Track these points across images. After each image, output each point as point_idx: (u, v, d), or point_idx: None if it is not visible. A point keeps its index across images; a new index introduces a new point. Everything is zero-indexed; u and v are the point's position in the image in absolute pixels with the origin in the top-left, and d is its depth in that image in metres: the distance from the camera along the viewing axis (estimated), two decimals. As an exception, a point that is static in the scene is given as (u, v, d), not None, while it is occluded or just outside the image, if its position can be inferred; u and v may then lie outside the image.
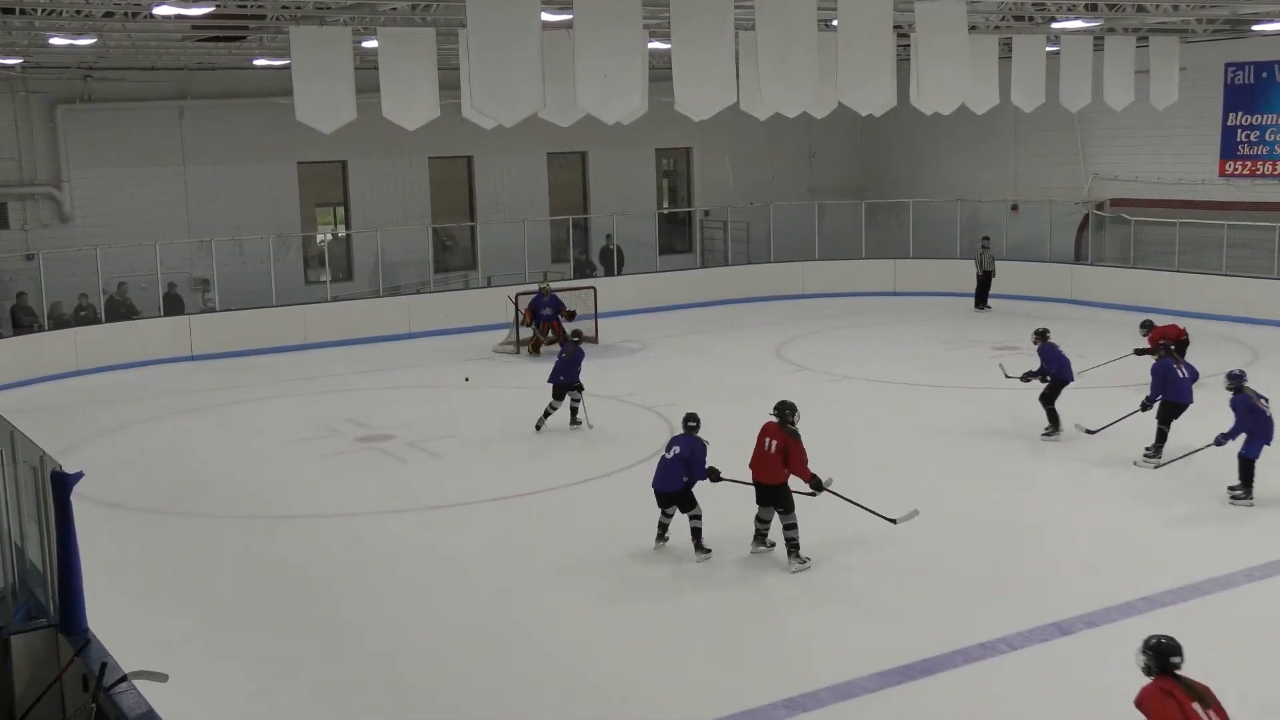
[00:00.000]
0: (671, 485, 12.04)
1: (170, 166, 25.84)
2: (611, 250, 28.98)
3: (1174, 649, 6.77)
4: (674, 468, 12.03)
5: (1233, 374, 13.66)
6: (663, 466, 12.12)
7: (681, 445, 12.10)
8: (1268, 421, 13.19)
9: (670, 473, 12.04)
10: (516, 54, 12.04)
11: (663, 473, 12.10)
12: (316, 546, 12.99)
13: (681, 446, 12.09)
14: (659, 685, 9.55)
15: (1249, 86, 25.60)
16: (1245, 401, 13.30)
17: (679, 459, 12.02)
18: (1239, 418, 13.28)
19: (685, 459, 12.00)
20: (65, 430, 17.87)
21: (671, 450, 12.09)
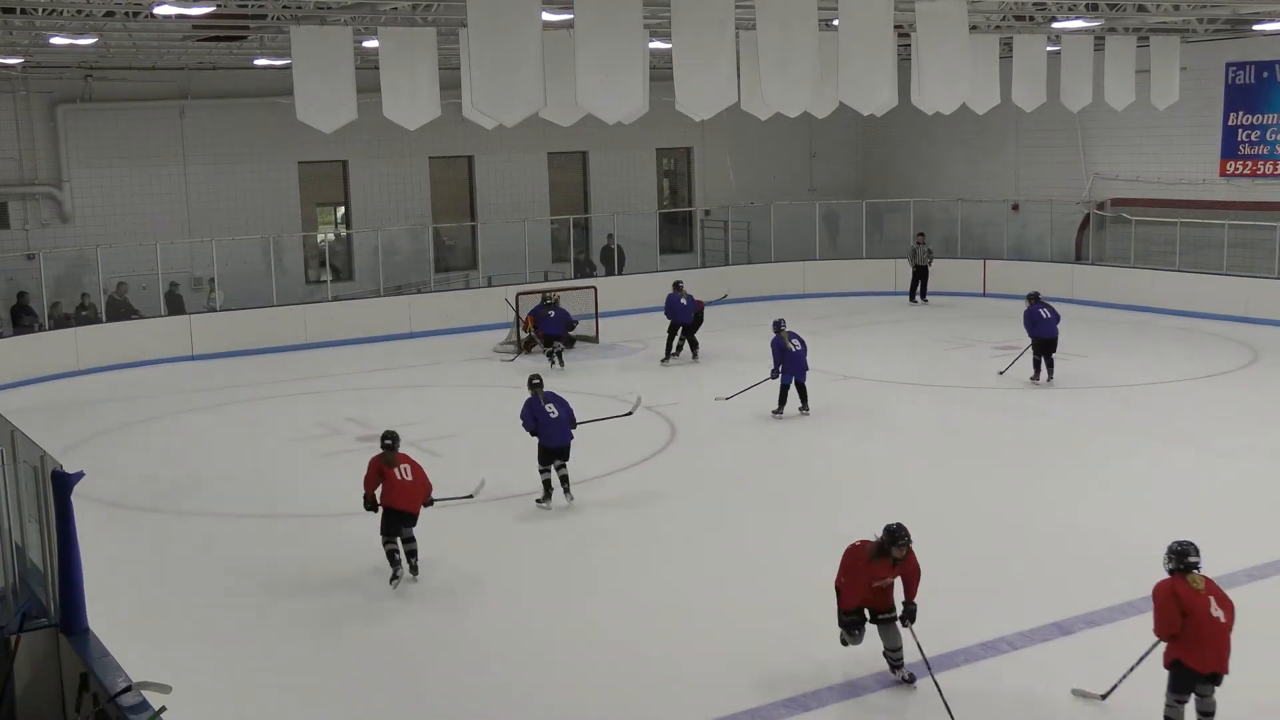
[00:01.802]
0: (566, 439, 13.49)
1: (171, 166, 25.84)
2: (612, 250, 28.98)
3: (1192, 549, 7.95)
4: (563, 424, 13.47)
5: (775, 322, 17.82)
6: (555, 425, 13.40)
7: (556, 403, 13.55)
8: (795, 357, 17.23)
9: (562, 429, 13.46)
10: (517, 54, 12.05)
11: (558, 431, 13.43)
12: (317, 546, 12.99)
13: (556, 405, 13.53)
14: (659, 685, 9.55)
15: (1250, 86, 25.58)
16: (779, 343, 17.30)
17: (563, 415, 13.49)
18: (774, 354, 17.37)
19: (567, 414, 13.53)
20: (66, 430, 17.87)
21: (552, 410, 13.44)
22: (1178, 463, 15.10)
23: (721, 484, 14.69)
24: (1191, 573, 7.91)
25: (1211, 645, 7.82)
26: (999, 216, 29.43)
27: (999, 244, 29.10)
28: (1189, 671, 7.89)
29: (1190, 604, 7.82)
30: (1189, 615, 7.83)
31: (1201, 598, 7.83)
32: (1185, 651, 7.87)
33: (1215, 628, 7.83)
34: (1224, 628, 7.86)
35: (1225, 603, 7.94)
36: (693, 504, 13.99)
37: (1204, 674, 7.87)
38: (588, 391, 19.79)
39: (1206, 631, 7.81)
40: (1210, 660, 7.83)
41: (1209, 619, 7.81)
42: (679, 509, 13.85)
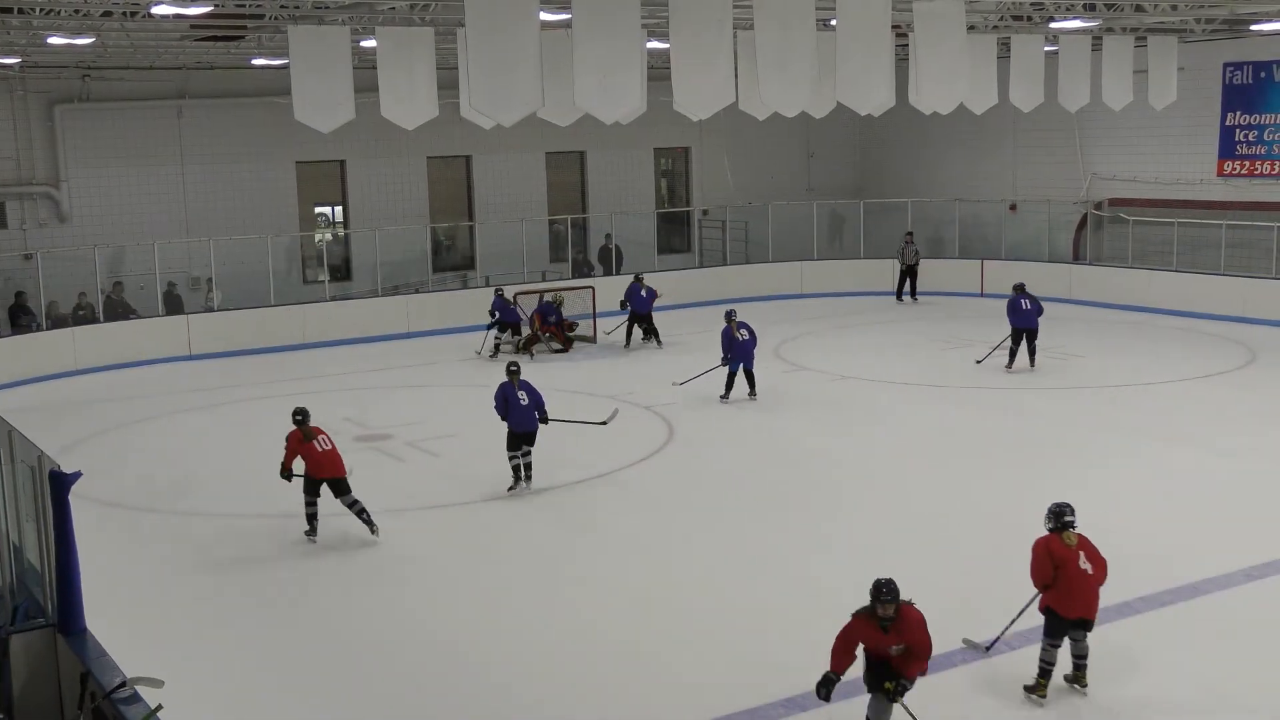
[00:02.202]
0: (532, 426, 14.10)
1: (168, 166, 25.82)
2: (610, 250, 28.98)
3: (1068, 510, 8.91)
4: (530, 411, 14.07)
5: (726, 313, 18.80)
6: (523, 412, 14.03)
7: (527, 391, 14.12)
8: (742, 346, 18.18)
9: (530, 415, 14.06)
10: (515, 53, 12.04)
11: (526, 417, 14.04)
12: (314, 546, 12.97)
13: (527, 392, 14.12)
14: (658, 685, 9.55)
15: (1247, 86, 25.60)
16: (728, 332, 18.32)
17: (533, 404, 14.09)
18: (724, 344, 18.37)
19: (537, 402, 14.14)
20: (63, 430, 17.86)
21: (523, 397, 14.02)
22: (1175, 463, 15.10)
23: (720, 484, 14.68)
24: (1066, 531, 8.84)
25: (1079, 595, 8.75)
26: (997, 216, 29.44)
27: (997, 244, 29.11)
28: (1059, 618, 8.83)
29: (1062, 558, 8.75)
30: (1060, 568, 8.75)
31: (1072, 553, 8.78)
32: (1056, 600, 8.80)
33: (1083, 579, 8.76)
34: (1092, 580, 8.80)
35: (1096, 559, 8.84)
36: (691, 504, 13.98)
37: (1071, 619, 8.80)
38: (588, 392, 19.81)
39: (1076, 583, 8.74)
40: (1077, 608, 8.78)
41: (1078, 572, 8.74)
42: (677, 509, 13.85)
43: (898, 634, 8.03)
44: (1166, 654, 9.88)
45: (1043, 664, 9.00)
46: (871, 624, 8.06)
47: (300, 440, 12.79)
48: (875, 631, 8.06)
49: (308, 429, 12.82)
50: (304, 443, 12.75)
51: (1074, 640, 8.99)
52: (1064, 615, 8.83)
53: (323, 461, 12.73)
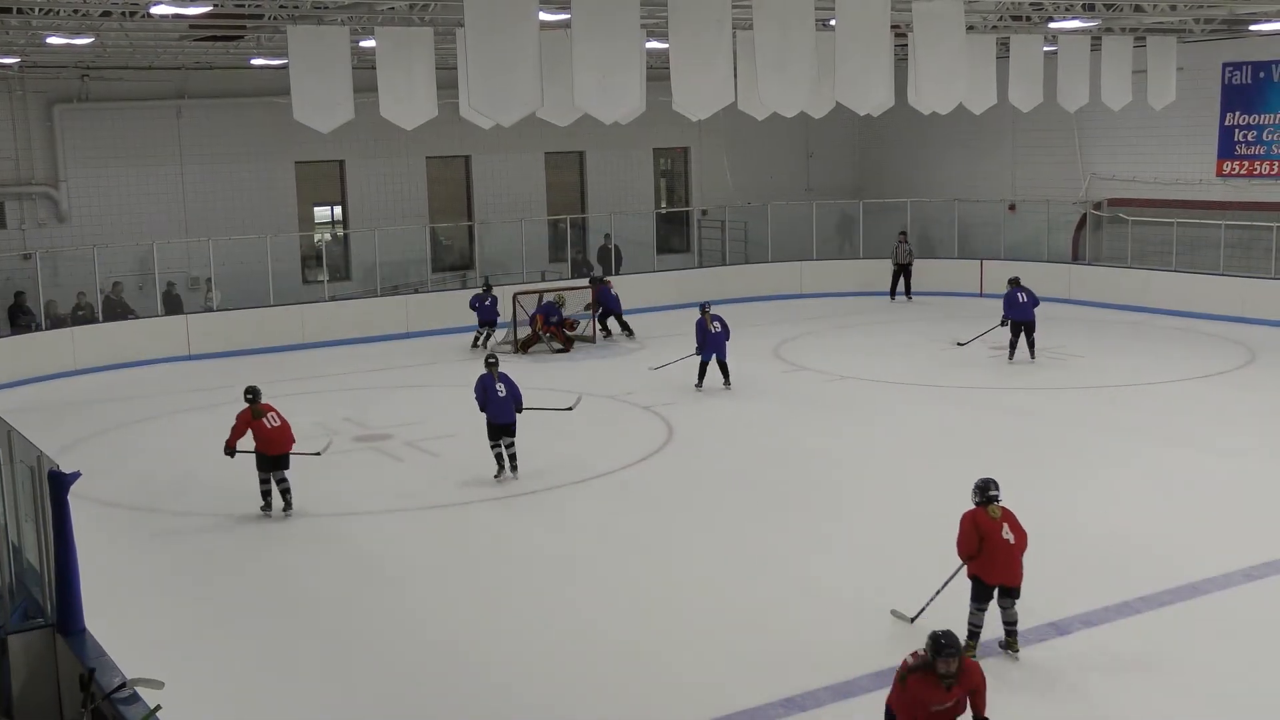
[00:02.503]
0: (510, 417, 14.56)
1: (168, 166, 25.81)
2: (609, 250, 28.98)
3: (992, 485, 9.53)
4: (508, 403, 14.55)
5: (700, 305, 19.59)
6: (501, 404, 14.50)
7: (505, 383, 14.62)
8: (714, 338, 18.99)
9: (508, 407, 14.53)
10: (514, 54, 12.04)
11: (504, 409, 14.50)
12: (313, 546, 12.98)
13: (505, 384, 14.61)
14: (658, 685, 9.55)
15: (1246, 86, 25.60)
16: (701, 324, 19.06)
17: (510, 395, 14.59)
18: (697, 335, 19.14)
19: (515, 395, 14.62)
20: (62, 430, 17.86)
21: (501, 390, 14.50)
22: (1174, 463, 15.10)
23: (719, 484, 14.68)
24: (991, 504, 9.49)
25: (1002, 563, 9.44)
26: (996, 216, 29.43)
27: (996, 244, 29.10)
28: (983, 584, 9.52)
29: (986, 529, 9.43)
30: (985, 539, 9.42)
31: (996, 524, 9.44)
32: (980, 568, 9.49)
33: (1006, 549, 9.43)
34: (1014, 549, 9.46)
35: (1017, 530, 9.51)
36: (690, 504, 13.98)
37: (993, 585, 9.48)
38: (588, 392, 19.82)
39: (1000, 553, 9.41)
40: (999, 574, 9.47)
41: (1001, 542, 9.41)
42: (677, 509, 13.85)
43: (960, 688, 7.49)
44: (1166, 654, 9.88)
45: (971, 627, 9.62)
46: (930, 680, 7.40)
47: (250, 418, 13.48)
48: (936, 690, 7.40)
49: (258, 407, 13.53)
50: (254, 420, 13.46)
51: (1003, 608, 9.61)
52: (987, 581, 9.51)
53: (271, 438, 13.43)
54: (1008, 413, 17.75)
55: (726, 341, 19.26)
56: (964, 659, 7.50)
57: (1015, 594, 9.54)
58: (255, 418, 13.46)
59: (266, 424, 13.40)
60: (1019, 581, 9.52)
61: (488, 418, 14.66)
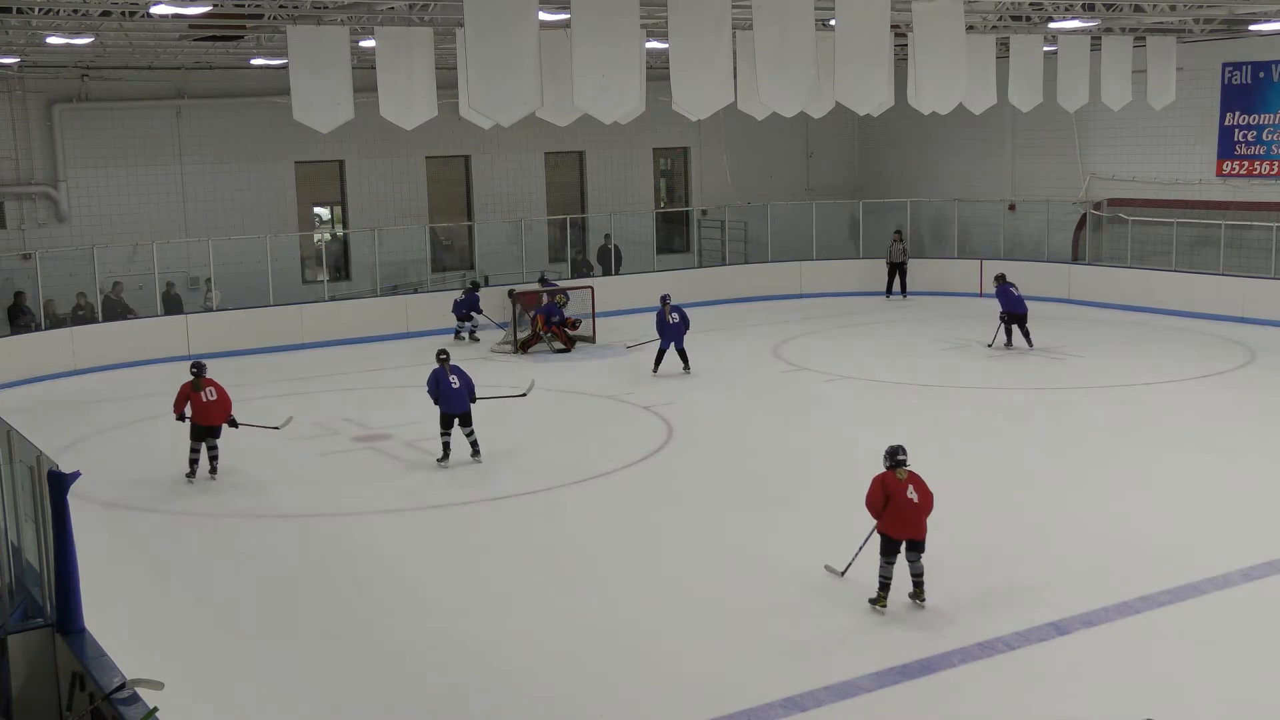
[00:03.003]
0: (464, 406, 15.37)
1: (167, 166, 25.81)
2: (609, 250, 28.98)
3: (900, 451, 10.66)
4: (461, 393, 15.35)
5: (661, 296, 20.93)
6: (454, 395, 15.31)
7: (458, 375, 15.41)
8: (672, 328, 20.28)
9: (461, 398, 15.34)
10: (514, 53, 12.03)
11: (456, 399, 15.33)
12: (313, 546, 12.99)
13: (458, 376, 15.40)
14: (657, 684, 9.55)
15: (1246, 86, 25.61)
16: (660, 314, 20.45)
17: (463, 386, 15.38)
18: (657, 324, 20.59)
19: (467, 385, 15.42)
20: (62, 429, 17.86)
21: (454, 381, 15.30)
22: (1174, 463, 15.10)
23: (718, 483, 14.68)
24: (899, 468, 10.56)
25: (908, 519, 10.50)
26: (996, 216, 29.44)
27: (995, 244, 29.11)
28: (890, 539, 10.54)
29: (893, 490, 10.49)
30: (891, 498, 10.48)
31: (902, 485, 10.51)
32: (888, 524, 10.54)
33: (911, 507, 10.48)
34: (918, 507, 10.51)
35: (923, 491, 10.57)
36: (690, 503, 13.98)
37: (899, 540, 10.52)
38: (587, 391, 19.83)
39: (905, 511, 10.48)
40: (906, 530, 10.51)
41: (906, 501, 10.47)
42: (676, 508, 13.85)
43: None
44: (1166, 654, 9.89)
45: (882, 579, 10.63)
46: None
47: (189, 390, 14.98)
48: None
49: (198, 381, 15.01)
50: (193, 393, 14.94)
51: (910, 561, 10.67)
52: (894, 536, 10.54)
53: (203, 410, 14.94)
54: (1007, 412, 17.76)
55: (685, 332, 20.52)
56: None
57: (920, 548, 10.61)
58: (194, 390, 14.95)
59: (203, 398, 14.90)
60: (923, 536, 10.58)
61: (441, 409, 15.42)
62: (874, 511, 10.64)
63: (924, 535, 10.59)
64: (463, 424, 15.49)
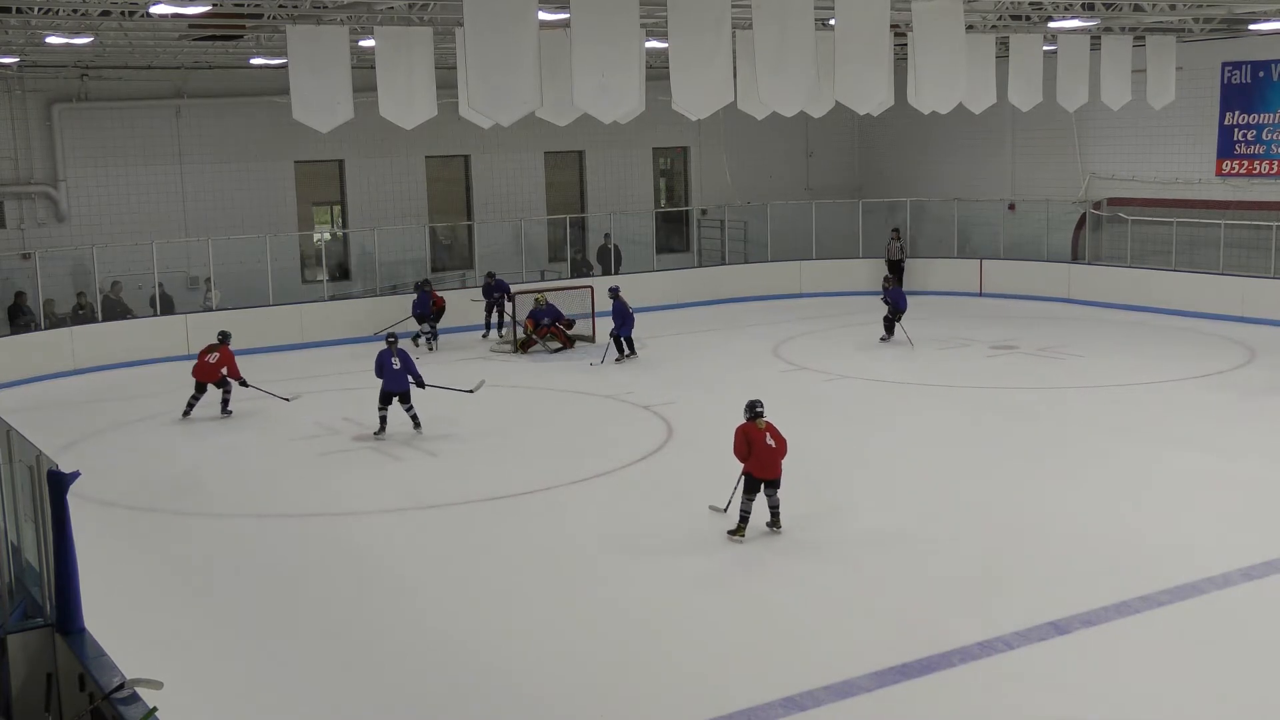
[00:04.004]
0: (403, 385, 16.82)
1: (167, 165, 25.80)
2: (609, 249, 28.97)
3: (758, 404, 12.49)
4: (401, 375, 16.80)
5: (617, 288, 22.58)
6: (393, 374, 16.80)
7: (399, 356, 16.91)
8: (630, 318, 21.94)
9: (401, 378, 16.81)
10: (514, 53, 12.03)
11: (396, 379, 16.82)
12: (313, 545, 12.99)
13: (399, 357, 16.89)
14: (657, 684, 9.55)
15: (1246, 86, 25.61)
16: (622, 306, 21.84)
17: (404, 369, 16.81)
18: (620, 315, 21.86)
19: (409, 368, 16.87)
20: (62, 429, 17.86)
21: (395, 363, 16.79)
22: (1174, 462, 15.10)
23: (718, 483, 14.65)
24: (758, 419, 12.33)
25: (768, 462, 12.32)
26: (995, 216, 29.44)
27: (995, 244, 29.11)
28: (754, 479, 12.36)
29: (753, 438, 12.30)
30: (753, 445, 12.27)
31: (761, 434, 12.32)
32: (752, 467, 12.34)
33: (770, 452, 12.31)
34: (775, 452, 12.33)
35: (778, 438, 12.38)
36: (688, 503, 13.96)
37: (760, 479, 12.31)
38: (586, 391, 19.82)
39: (765, 455, 12.29)
40: (767, 471, 12.33)
41: (765, 446, 12.29)
42: (675, 508, 13.84)
43: None
44: (1165, 654, 9.89)
45: (743, 513, 12.42)
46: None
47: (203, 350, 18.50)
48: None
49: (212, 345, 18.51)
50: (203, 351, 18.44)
51: (768, 496, 12.42)
52: (758, 477, 12.35)
53: (201, 368, 18.27)
54: (1007, 412, 17.75)
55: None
56: None
57: (777, 485, 12.42)
58: (204, 352, 18.42)
59: (207, 359, 18.26)
60: (779, 475, 12.39)
61: (382, 386, 16.88)
62: (740, 457, 12.38)
63: (780, 475, 12.39)
64: (402, 401, 16.91)
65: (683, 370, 21.30)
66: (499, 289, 24.71)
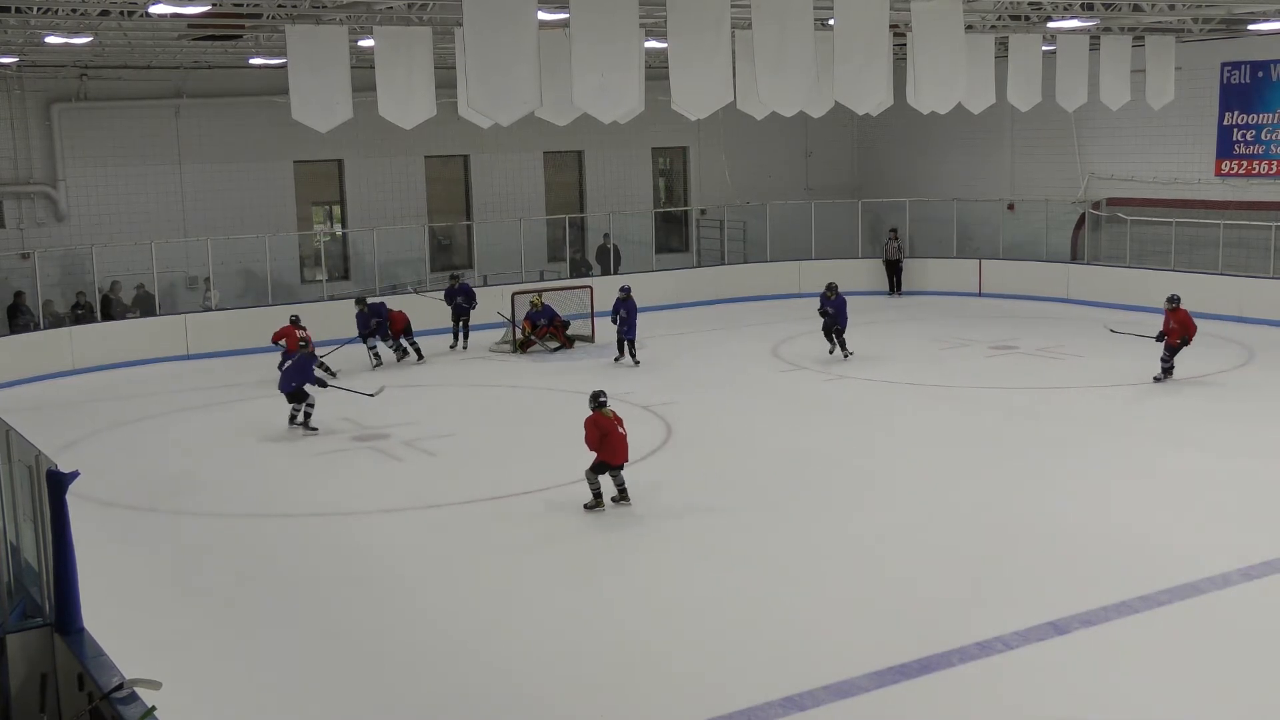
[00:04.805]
0: (287, 388, 17.40)
1: (166, 165, 25.80)
2: (608, 249, 28.97)
3: (602, 395, 13.42)
4: (288, 373, 17.55)
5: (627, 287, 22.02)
6: (281, 374, 17.71)
7: (291, 359, 17.88)
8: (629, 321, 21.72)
9: (285, 378, 17.50)
10: (513, 53, 12.03)
11: (282, 379, 17.66)
12: (312, 545, 12.99)
13: (291, 359, 17.85)
14: (656, 684, 9.55)
15: (1245, 85, 25.62)
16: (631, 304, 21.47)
17: (293, 369, 17.49)
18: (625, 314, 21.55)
19: (299, 369, 17.43)
20: (61, 429, 17.85)
21: (285, 365, 17.82)
22: (1172, 462, 15.10)
23: (717, 482, 14.68)
24: (604, 408, 13.27)
25: (620, 449, 13.26)
26: (994, 216, 29.45)
27: (994, 243, 29.12)
28: (606, 464, 13.24)
29: (605, 427, 13.15)
30: (606, 435, 13.10)
31: (611, 422, 13.21)
32: (608, 455, 13.22)
33: (619, 439, 13.21)
34: (623, 438, 13.26)
35: (622, 423, 13.31)
36: (688, 503, 13.97)
37: (614, 465, 13.25)
38: (584, 391, 19.80)
39: (619, 443, 13.23)
40: (619, 457, 13.28)
41: (616, 433, 13.19)
42: (675, 507, 13.84)
43: None
44: (1165, 654, 9.89)
45: (596, 491, 13.32)
46: None
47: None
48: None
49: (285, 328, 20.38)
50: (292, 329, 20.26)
51: (614, 477, 13.37)
52: (612, 463, 13.24)
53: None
54: (1006, 412, 17.75)
55: None
56: None
57: (623, 467, 13.39)
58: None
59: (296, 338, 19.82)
60: (627, 459, 13.37)
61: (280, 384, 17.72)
62: (594, 446, 13.18)
63: (627, 458, 13.39)
64: (292, 400, 17.52)
65: (682, 370, 21.29)
66: (461, 293, 23.82)
